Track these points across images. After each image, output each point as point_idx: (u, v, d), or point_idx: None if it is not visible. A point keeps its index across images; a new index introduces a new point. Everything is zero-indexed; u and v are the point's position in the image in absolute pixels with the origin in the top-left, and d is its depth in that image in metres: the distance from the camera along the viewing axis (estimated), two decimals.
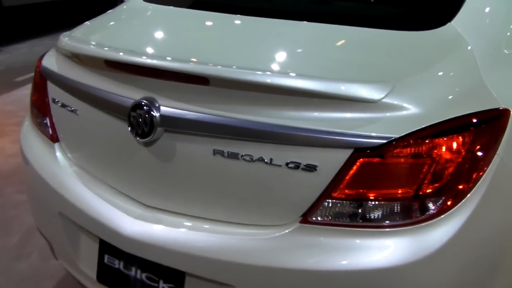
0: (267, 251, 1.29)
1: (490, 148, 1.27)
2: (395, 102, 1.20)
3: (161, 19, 1.83)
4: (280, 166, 1.26)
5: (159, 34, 1.69)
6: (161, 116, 1.35)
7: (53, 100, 1.72)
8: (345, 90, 1.20)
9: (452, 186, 1.23)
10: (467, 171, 1.24)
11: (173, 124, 1.36)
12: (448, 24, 1.47)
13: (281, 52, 1.44)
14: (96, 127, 1.57)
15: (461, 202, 1.24)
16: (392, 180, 1.23)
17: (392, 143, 1.19)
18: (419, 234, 1.23)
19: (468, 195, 1.25)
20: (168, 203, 1.45)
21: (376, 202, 1.23)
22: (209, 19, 1.74)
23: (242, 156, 1.29)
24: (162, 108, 1.35)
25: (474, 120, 1.25)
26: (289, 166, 1.25)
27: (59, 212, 1.67)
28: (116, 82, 1.47)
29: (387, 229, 1.24)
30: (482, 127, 1.27)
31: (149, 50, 1.53)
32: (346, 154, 1.21)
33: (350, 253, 1.24)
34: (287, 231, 1.29)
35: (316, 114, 1.23)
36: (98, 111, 1.53)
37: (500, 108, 1.30)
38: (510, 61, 1.54)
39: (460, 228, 1.25)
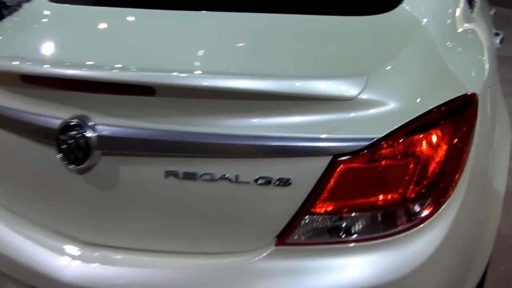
0: (241, 281, 1.11)
1: (469, 137, 1.17)
2: (372, 98, 1.06)
3: (78, 21, 1.57)
4: (248, 183, 1.08)
5: (81, 39, 1.43)
6: (98, 137, 1.13)
7: None
8: (317, 89, 1.04)
9: (438, 185, 1.11)
10: (452, 166, 1.13)
11: (113, 145, 1.13)
12: (400, 6, 1.35)
13: (233, 50, 1.25)
14: (14, 156, 1.30)
15: (447, 201, 1.13)
16: (377, 186, 1.08)
17: (375, 145, 1.04)
18: (409, 242, 1.10)
19: (454, 192, 1.14)
20: (115, 238, 1.22)
21: (361, 213, 1.09)
22: (135, 17, 1.51)
23: (201, 176, 1.10)
24: (98, 127, 1.13)
25: (451, 110, 1.14)
26: (258, 182, 1.07)
27: None
28: (36, 100, 1.21)
29: (374, 242, 1.09)
30: (459, 116, 1.16)
31: (74, 58, 1.27)
32: (324, 162, 1.05)
33: (338, 273, 1.08)
34: (262, 256, 1.12)
35: (285, 119, 1.06)
36: (14, 136, 1.26)
37: (468, 93, 1.20)
38: (462, 40, 1.46)
39: (449, 228, 1.14)
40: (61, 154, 1.15)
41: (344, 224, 1.09)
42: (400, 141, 1.06)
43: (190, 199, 1.13)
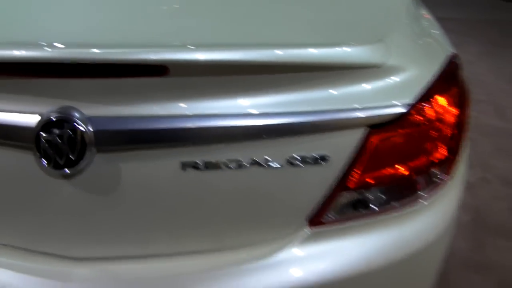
0: (279, 271, 1.02)
1: (468, 95, 1.19)
2: (395, 63, 1.01)
3: None
4: (280, 166, 0.98)
5: (45, 10, 1.10)
6: (96, 132, 0.92)
7: None
8: (347, 58, 0.95)
9: (455, 146, 1.13)
10: (461, 126, 1.14)
11: (113, 140, 0.93)
12: None
13: (240, 18, 1.09)
14: None
15: (459, 161, 1.16)
16: (410, 152, 1.06)
17: (408, 111, 1.01)
18: (439, 203, 1.11)
19: (461, 152, 1.17)
20: (119, 248, 1.03)
21: (397, 182, 1.06)
22: None
23: (225, 164, 0.97)
24: (93, 120, 0.91)
25: (455, 67, 1.15)
26: (292, 163, 0.98)
27: None
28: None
29: (413, 207, 1.09)
30: (460, 74, 1.17)
31: (48, 36, 0.96)
32: (360, 133, 0.99)
33: (384, 244, 1.07)
34: (297, 241, 1.04)
35: (315, 93, 0.97)
36: None
37: (451, 54, 1.21)
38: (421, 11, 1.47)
39: (462, 186, 1.18)
40: (44, 158, 0.91)
41: (381, 196, 1.06)
42: (427, 105, 1.04)
43: (212, 192, 0.99)
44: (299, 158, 0.97)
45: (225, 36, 0.99)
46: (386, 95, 1.00)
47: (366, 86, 0.99)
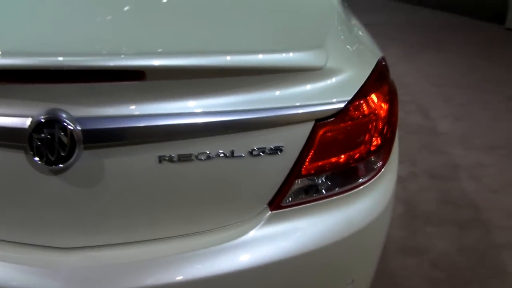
0: (247, 249, 1.18)
1: (395, 93, 1.39)
2: (334, 66, 1.19)
3: None
4: (242, 156, 1.14)
5: (32, 21, 1.21)
6: (83, 131, 1.04)
7: None
8: (296, 61, 1.12)
9: (389, 137, 1.32)
10: (393, 120, 1.34)
11: (99, 137, 1.06)
12: None
13: (202, 26, 1.25)
14: None
15: (393, 151, 1.35)
16: (351, 142, 1.24)
17: (347, 106, 1.19)
18: (378, 186, 1.30)
19: (394, 143, 1.37)
20: (103, 237, 1.15)
21: (342, 168, 1.24)
22: None
23: (196, 156, 1.11)
24: (80, 120, 1.04)
25: (384, 68, 1.35)
26: (253, 154, 1.14)
27: None
28: None
29: (356, 189, 1.27)
30: (388, 75, 1.37)
31: (37, 45, 1.09)
32: (308, 126, 1.17)
33: (337, 220, 1.24)
34: (261, 223, 1.20)
35: (270, 93, 1.13)
36: None
37: (380, 58, 1.41)
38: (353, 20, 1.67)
39: (396, 172, 1.37)
40: (37, 156, 1.03)
41: (328, 181, 1.24)
42: (362, 101, 1.22)
43: (185, 182, 1.14)
44: (259, 149, 1.14)
45: (194, 45, 1.15)
46: (328, 93, 1.18)
47: (312, 86, 1.16)
